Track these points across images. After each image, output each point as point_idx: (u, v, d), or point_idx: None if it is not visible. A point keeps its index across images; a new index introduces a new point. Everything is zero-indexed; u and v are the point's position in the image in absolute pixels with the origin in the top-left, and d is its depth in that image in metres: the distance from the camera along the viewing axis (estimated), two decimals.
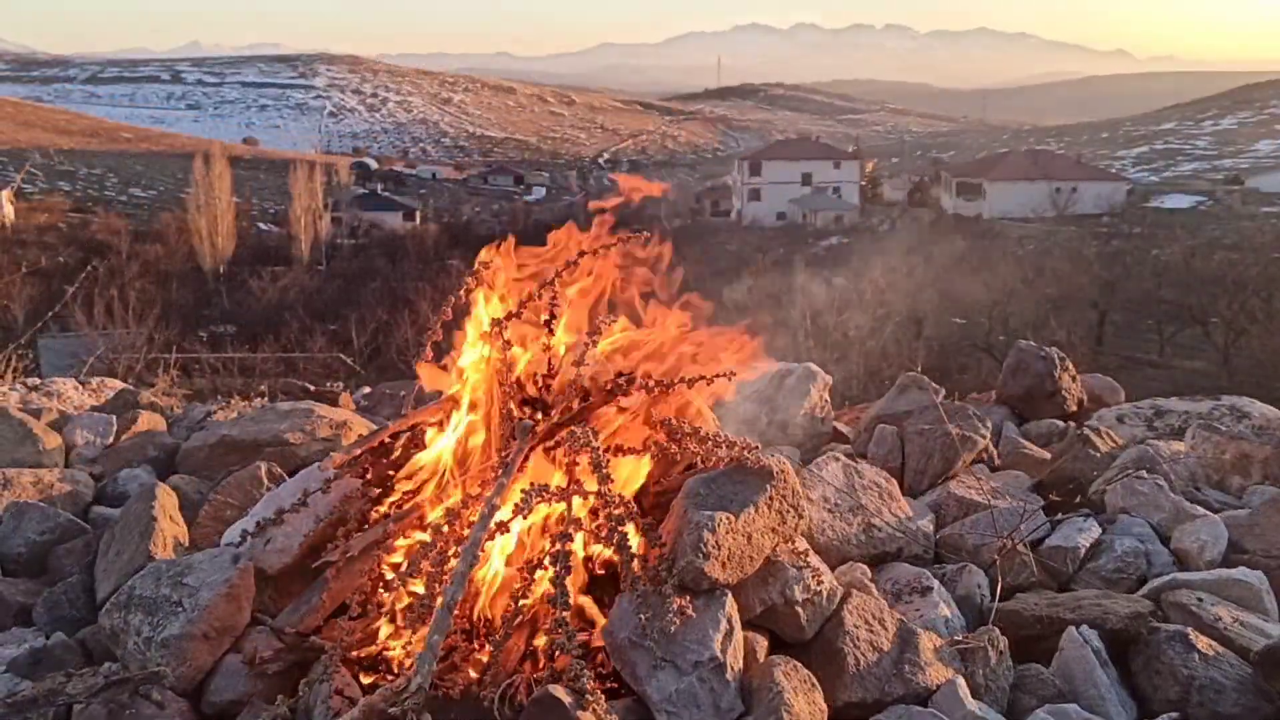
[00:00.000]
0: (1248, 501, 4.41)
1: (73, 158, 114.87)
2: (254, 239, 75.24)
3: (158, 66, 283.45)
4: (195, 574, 3.17)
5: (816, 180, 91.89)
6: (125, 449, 5.02)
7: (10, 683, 3.11)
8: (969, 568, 3.67)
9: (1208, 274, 44.57)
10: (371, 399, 7.02)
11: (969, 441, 4.63)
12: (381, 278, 56.35)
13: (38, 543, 4.03)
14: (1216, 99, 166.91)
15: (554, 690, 2.58)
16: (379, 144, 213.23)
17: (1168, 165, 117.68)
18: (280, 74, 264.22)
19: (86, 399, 6.76)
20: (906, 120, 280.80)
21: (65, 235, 71.09)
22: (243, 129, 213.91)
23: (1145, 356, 40.65)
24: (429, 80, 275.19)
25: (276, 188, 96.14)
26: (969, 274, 44.17)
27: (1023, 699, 3.04)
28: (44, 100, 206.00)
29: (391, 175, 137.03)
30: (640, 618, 2.79)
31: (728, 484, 3.12)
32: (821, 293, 31.84)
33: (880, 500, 3.97)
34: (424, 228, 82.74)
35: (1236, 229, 65.20)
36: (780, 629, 3.10)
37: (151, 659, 2.99)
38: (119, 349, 16.19)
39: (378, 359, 29.89)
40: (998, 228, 71.72)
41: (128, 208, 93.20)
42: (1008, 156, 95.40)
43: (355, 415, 5.41)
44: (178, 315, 35.37)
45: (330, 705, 2.81)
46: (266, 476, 4.20)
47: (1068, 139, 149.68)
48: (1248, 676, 3.01)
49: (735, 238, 74.42)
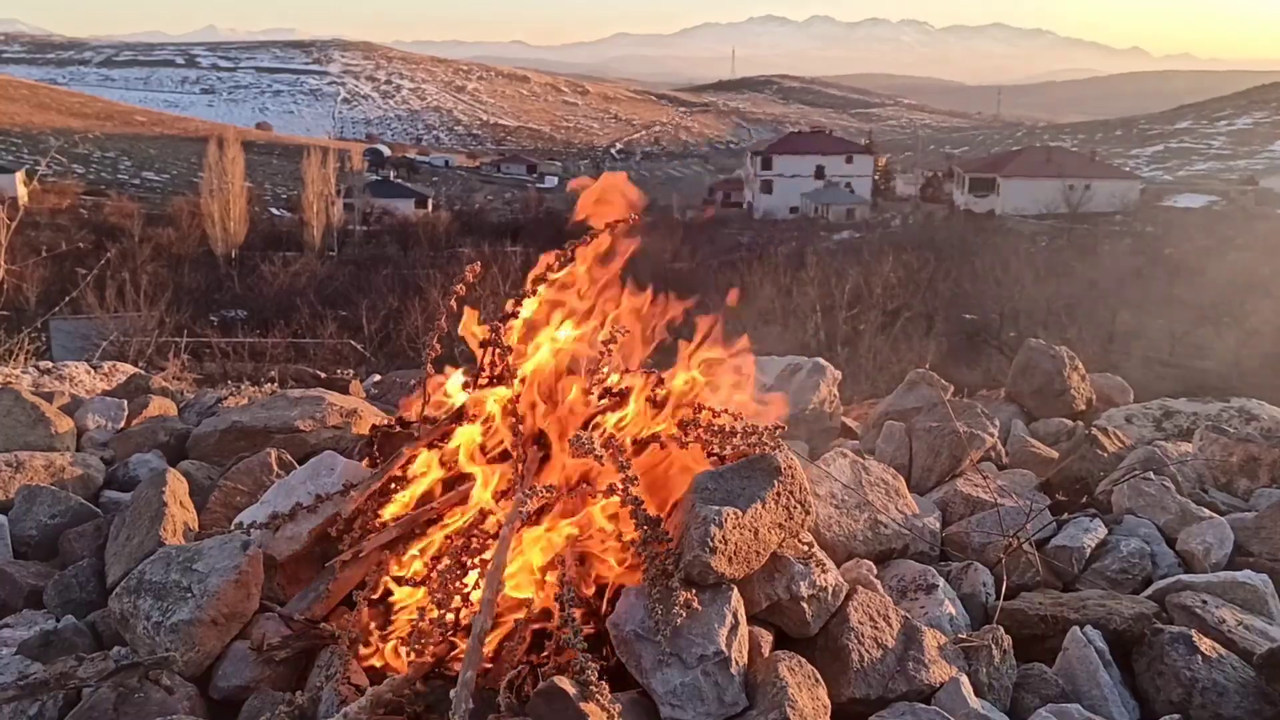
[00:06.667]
0: (1254, 504, 4.42)
1: (87, 141, 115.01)
2: (266, 224, 75.23)
3: (173, 50, 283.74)
4: (205, 560, 3.19)
5: (829, 174, 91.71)
6: (136, 434, 5.04)
7: (21, 664, 3.14)
8: (974, 566, 3.68)
9: (1220, 274, 44.39)
10: (381, 386, 7.03)
11: (976, 439, 4.63)
12: (393, 265, 56.34)
13: (49, 526, 4.05)
14: (1232, 98, 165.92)
15: (559, 681, 2.59)
16: (392, 131, 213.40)
17: (1182, 164, 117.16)
18: (295, 60, 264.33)
19: (98, 383, 6.80)
20: (920, 115, 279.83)
21: (78, 218, 71.21)
22: (256, 114, 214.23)
23: (1155, 356, 40.51)
24: (443, 68, 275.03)
25: (289, 173, 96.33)
26: (980, 271, 44.07)
27: (1025, 698, 3.05)
28: (59, 83, 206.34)
29: (404, 162, 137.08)
30: (646, 611, 2.81)
31: (735, 479, 3.12)
32: (832, 287, 31.81)
33: (887, 497, 3.98)
34: (436, 215, 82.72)
35: (1250, 229, 64.93)
36: (785, 624, 3.10)
37: (160, 644, 3.01)
38: (130, 332, 16.21)
39: (388, 346, 29.88)
40: (1010, 224, 71.51)
41: (141, 191, 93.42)
42: (1021, 153, 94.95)
43: (365, 403, 5.42)
44: (189, 299, 35.38)
45: (339, 692, 2.84)
46: (276, 463, 4.21)
47: (1082, 136, 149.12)
48: (1250, 679, 3.02)
49: (747, 230, 74.32)
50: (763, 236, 69.18)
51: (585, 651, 2.68)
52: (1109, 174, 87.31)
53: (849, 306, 32.07)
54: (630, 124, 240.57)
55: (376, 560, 3.24)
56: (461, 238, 67.66)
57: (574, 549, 2.98)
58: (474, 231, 70.88)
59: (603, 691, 2.61)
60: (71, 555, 3.87)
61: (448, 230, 72.02)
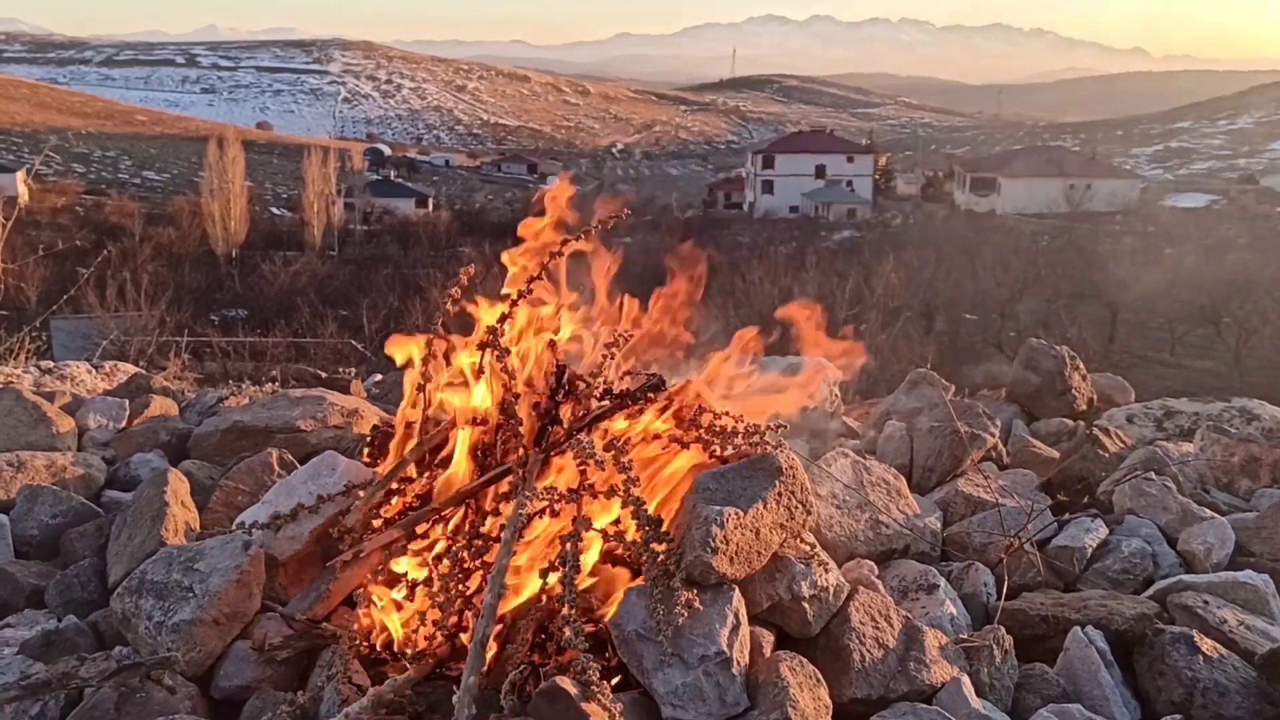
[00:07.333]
0: (1255, 504, 4.42)
1: (87, 140, 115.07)
2: (266, 224, 75.32)
3: (173, 50, 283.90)
4: (206, 560, 3.19)
5: (830, 173, 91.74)
6: (138, 433, 5.04)
7: (23, 664, 3.14)
8: (975, 566, 3.67)
9: (1220, 273, 44.44)
10: (382, 386, 7.04)
11: (978, 439, 4.63)
12: (393, 264, 56.44)
13: (50, 526, 4.05)
14: (1233, 98, 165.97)
15: (560, 681, 2.59)
16: (392, 130, 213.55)
17: (1182, 164, 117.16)
18: (295, 59, 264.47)
19: (99, 382, 6.80)
20: (921, 115, 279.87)
21: (79, 217, 71.24)
22: (257, 113, 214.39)
23: (1156, 355, 40.54)
24: (443, 67, 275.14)
25: (290, 173, 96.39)
26: (981, 270, 44.09)
27: (1027, 698, 3.05)
28: (59, 82, 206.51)
29: (404, 162, 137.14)
30: (648, 611, 2.81)
31: (736, 479, 3.12)
32: (833, 286, 31.82)
33: (888, 497, 3.98)
34: (436, 215, 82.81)
35: (1250, 228, 65.01)
36: (786, 624, 3.10)
37: (162, 643, 3.01)
38: (131, 331, 16.22)
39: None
40: (1011, 224, 71.55)
41: (141, 191, 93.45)
42: (1022, 153, 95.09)
43: (366, 403, 5.43)
44: (190, 299, 35.43)
45: (340, 692, 2.84)
46: (278, 463, 4.21)
47: (1083, 136, 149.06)
48: (1252, 680, 3.01)
49: (748, 230, 74.34)
50: (763, 236, 69.17)
51: (586, 652, 2.68)
52: (1110, 173, 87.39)
53: (850, 306, 32.08)
54: (630, 123, 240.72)
55: (378, 560, 3.24)
56: (462, 237, 67.77)
57: (575, 550, 2.97)
58: (474, 231, 70.95)
59: (604, 691, 2.61)
60: (73, 555, 3.87)
61: (448, 230, 72.14)
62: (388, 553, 3.25)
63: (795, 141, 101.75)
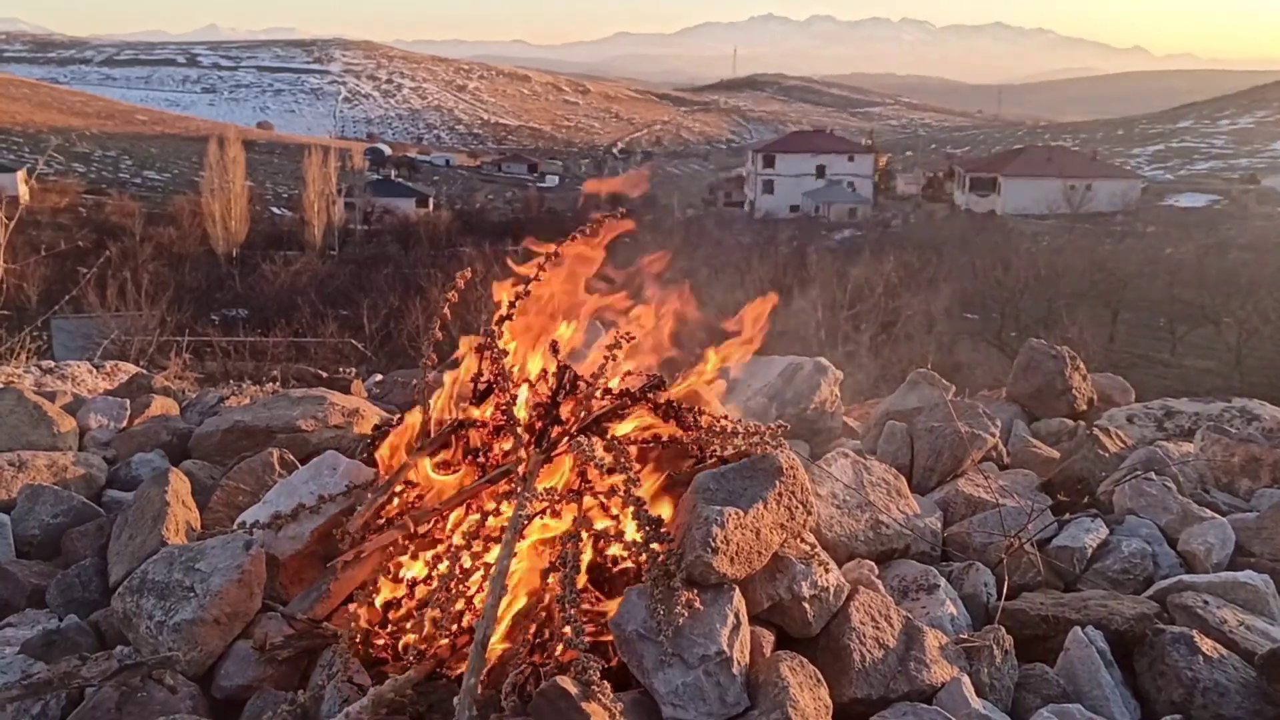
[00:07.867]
0: (1255, 505, 4.42)
1: (88, 140, 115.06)
2: (267, 223, 75.34)
3: (174, 49, 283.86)
4: (207, 559, 3.19)
5: (830, 173, 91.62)
6: (138, 433, 5.05)
7: (24, 664, 3.14)
8: (975, 566, 3.68)
9: (1221, 273, 44.45)
10: (383, 386, 7.03)
11: (978, 439, 4.63)
12: (394, 264, 56.43)
13: (51, 525, 4.06)
14: (1234, 98, 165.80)
15: (561, 681, 2.59)
16: (393, 130, 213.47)
17: (1183, 164, 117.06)
18: (296, 59, 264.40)
19: (100, 382, 6.80)
20: (921, 114, 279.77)
21: (79, 217, 71.23)
22: (257, 113, 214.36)
23: (1157, 355, 40.55)
24: (444, 67, 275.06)
25: (290, 172, 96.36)
26: (981, 270, 44.08)
27: (1027, 698, 3.05)
28: (60, 82, 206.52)
29: (405, 161, 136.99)
30: (648, 611, 2.81)
31: (737, 479, 3.12)
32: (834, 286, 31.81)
33: (888, 497, 3.98)
34: (437, 214, 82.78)
35: (1251, 228, 64.98)
36: (787, 624, 3.10)
37: (163, 643, 3.01)
38: (132, 331, 16.22)
39: (389, 345, 29.92)
40: (1011, 224, 71.53)
41: (142, 190, 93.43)
42: (1022, 152, 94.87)
43: (367, 402, 5.43)
44: (190, 298, 35.46)
45: (341, 692, 2.84)
46: (278, 463, 4.22)
47: (1083, 136, 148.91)
48: (1251, 680, 3.02)
49: (748, 229, 74.30)
50: (764, 236, 69.11)
51: (587, 652, 2.68)
52: (1110, 173, 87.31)
53: (850, 306, 32.06)
54: (631, 123, 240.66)
55: (379, 560, 3.25)
56: (462, 237, 67.72)
57: (576, 550, 2.98)
58: (475, 231, 70.93)
59: (605, 691, 2.62)
60: (74, 554, 3.88)
61: (449, 229, 72.09)
62: (388, 553, 3.25)
63: (796, 141, 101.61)
